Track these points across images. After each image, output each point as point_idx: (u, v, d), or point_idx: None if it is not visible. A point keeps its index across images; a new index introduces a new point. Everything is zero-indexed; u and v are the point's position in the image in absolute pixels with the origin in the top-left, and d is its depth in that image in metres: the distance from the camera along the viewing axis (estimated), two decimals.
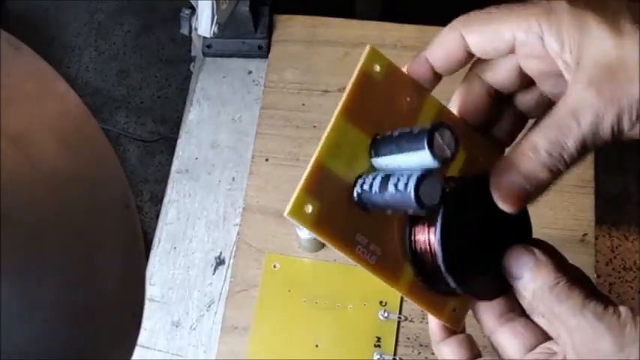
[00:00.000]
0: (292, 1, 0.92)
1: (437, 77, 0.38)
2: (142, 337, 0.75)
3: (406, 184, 0.32)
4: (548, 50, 0.34)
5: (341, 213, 0.36)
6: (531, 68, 0.36)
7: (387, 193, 0.33)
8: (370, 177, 0.35)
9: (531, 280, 0.36)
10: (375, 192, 0.34)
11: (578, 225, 0.76)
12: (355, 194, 0.35)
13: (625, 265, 1.43)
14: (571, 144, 0.33)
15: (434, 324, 0.39)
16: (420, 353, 0.72)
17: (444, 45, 0.37)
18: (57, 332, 0.28)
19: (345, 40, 0.88)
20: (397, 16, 0.90)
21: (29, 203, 0.27)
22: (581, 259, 0.74)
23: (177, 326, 0.76)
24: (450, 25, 0.37)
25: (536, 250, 0.36)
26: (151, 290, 0.77)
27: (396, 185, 0.32)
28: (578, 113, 0.32)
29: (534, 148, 0.33)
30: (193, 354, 0.75)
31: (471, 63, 0.38)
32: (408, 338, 0.73)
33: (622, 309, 0.33)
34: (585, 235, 0.76)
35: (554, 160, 0.33)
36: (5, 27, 0.30)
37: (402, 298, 0.74)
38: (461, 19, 0.37)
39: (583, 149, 0.33)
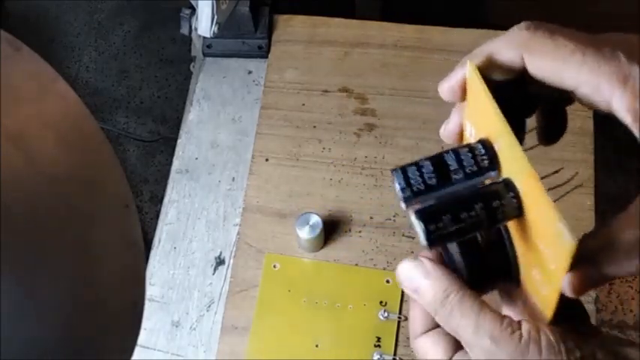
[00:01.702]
0: (292, 1, 0.92)
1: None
2: (142, 337, 0.75)
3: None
4: (616, 114, 0.32)
5: None
6: (582, 97, 0.34)
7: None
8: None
9: (423, 295, 0.35)
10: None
11: (578, 225, 0.76)
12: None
13: None
14: None
15: (417, 313, 0.37)
16: None
17: (501, 57, 0.35)
18: (57, 332, 0.28)
19: (345, 40, 0.88)
20: (397, 16, 0.90)
21: (29, 203, 0.27)
22: None
23: (177, 326, 0.76)
24: (510, 35, 0.35)
25: (424, 260, 0.35)
26: (151, 290, 0.77)
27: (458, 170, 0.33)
28: None
29: (630, 254, 0.31)
30: (193, 354, 0.75)
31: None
32: (408, 338, 0.73)
33: (524, 329, 0.32)
34: None
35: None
36: (5, 27, 0.30)
37: (402, 298, 0.74)
38: (524, 35, 0.34)
39: None
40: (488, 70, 0.36)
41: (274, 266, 0.76)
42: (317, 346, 0.73)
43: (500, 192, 0.33)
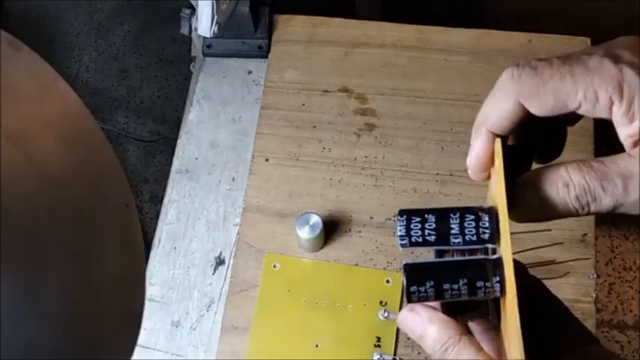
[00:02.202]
0: (292, 1, 0.92)
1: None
2: (142, 337, 0.75)
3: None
4: (614, 122, 0.33)
5: None
6: (586, 113, 0.34)
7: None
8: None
9: (426, 341, 0.36)
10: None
11: (578, 225, 0.76)
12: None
13: (625, 265, 1.43)
14: (607, 202, 0.32)
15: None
16: (419, 353, 0.72)
17: (502, 114, 0.35)
18: (57, 332, 0.28)
19: (345, 40, 0.88)
20: (397, 16, 0.90)
21: (29, 203, 0.27)
22: (581, 259, 0.74)
23: (177, 326, 0.76)
24: (501, 89, 0.35)
25: (419, 309, 0.37)
26: (151, 290, 0.77)
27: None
28: (629, 181, 0.31)
29: (567, 185, 0.33)
30: (193, 354, 0.75)
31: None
32: (408, 338, 0.73)
33: None
34: (585, 235, 0.76)
35: (579, 204, 0.33)
36: (5, 27, 0.30)
37: (402, 298, 0.74)
38: (513, 84, 0.34)
39: (614, 210, 0.32)
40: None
41: (274, 266, 0.76)
42: (317, 346, 0.73)
43: (487, 272, 0.35)
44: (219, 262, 0.79)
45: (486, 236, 0.35)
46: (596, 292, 0.74)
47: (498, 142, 0.36)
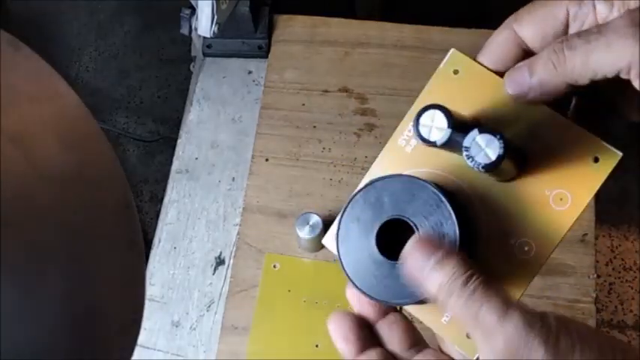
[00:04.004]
0: (292, 1, 0.92)
1: None
2: (142, 337, 0.75)
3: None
4: (598, 17, 0.33)
5: None
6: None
7: None
8: None
9: (439, 269, 0.31)
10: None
11: (578, 225, 0.76)
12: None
13: (625, 265, 1.43)
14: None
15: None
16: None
17: (497, 45, 0.36)
18: (57, 332, 0.28)
19: (345, 40, 0.88)
20: (397, 16, 0.90)
21: (29, 203, 0.27)
22: (581, 259, 0.74)
23: (177, 326, 0.76)
24: (502, 25, 0.36)
25: (440, 242, 0.32)
26: (151, 290, 0.77)
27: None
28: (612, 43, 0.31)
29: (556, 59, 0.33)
30: (193, 354, 0.75)
31: (513, 15, 0.37)
32: None
33: (551, 318, 0.30)
34: (585, 235, 0.76)
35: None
36: (5, 27, 0.30)
37: None
38: (512, 16, 0.36)
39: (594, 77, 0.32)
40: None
41: (274, 266, 0.76)
42: (317, 346, 0.73)
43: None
44: (219, 262, 0.78)
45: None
46: (596, 292, 0.74)
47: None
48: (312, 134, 0.83)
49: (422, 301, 0.34)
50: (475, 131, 0.32)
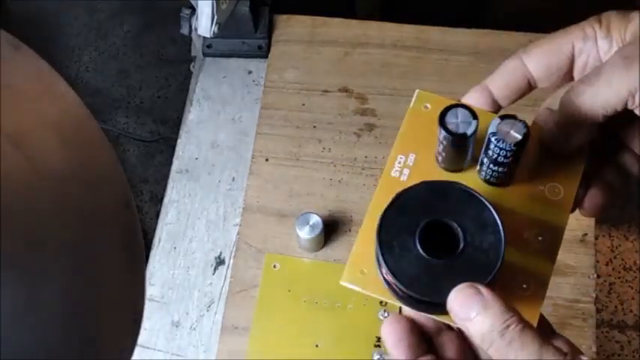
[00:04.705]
0: (292, 1, 0.92)
1: (496, 106, 0.39)
2: (142, 337, 0.75)
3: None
4: (600, 52, 0.36)
5: None
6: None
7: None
8: None
9: (479, 322, 0.33)
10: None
11: (578, 225, 0.76)
12: None
13: (625, 265, 1.43)
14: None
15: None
16: None
17: (504, 73, 0.39)
18: (57, 332, 0.28)
19: (345, 40, 0.88)
20: (397, 16, 0.90)
21: (29, 203, 0.27)
22: (581, 259, 0.74)
23: (177, 326, 0.76)
24: (513, 55, 0.39)
25: (482, 289, 0.34)
26: (151, 290, 0.77)
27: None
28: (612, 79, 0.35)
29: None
30: (193, 354, 0.75)
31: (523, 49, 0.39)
32: None
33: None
34: (585, 235, 0.76)
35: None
36: (5, 27, 0.30)
37: None
38: (522, 48, 0.39)
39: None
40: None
41: (274, 266, 0.76)
42: (317, 346, 0.73)
43: None
44: (219, 262, 0.79)
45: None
46: (596, 292, 0.74)
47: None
48: (312, 134, 0.83)
49: None
50: (496, 119, 0.36)
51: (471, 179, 0.39)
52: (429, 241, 0.36)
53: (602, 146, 0.40)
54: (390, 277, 0.36)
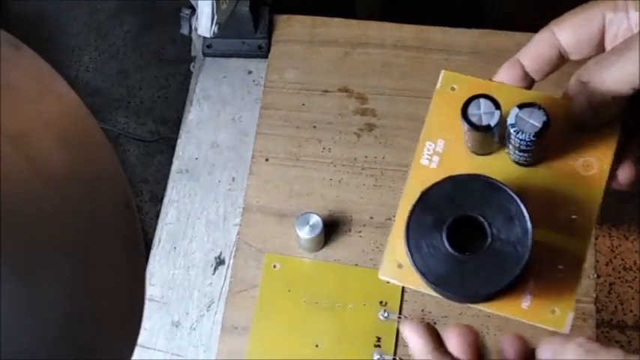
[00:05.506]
0: (292, 1, 0.92)
1: (528, 80, 0.39)
2: (142, 337, 0.75)
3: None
4: (631, 23, 0.36)
5: None
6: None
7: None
8: None
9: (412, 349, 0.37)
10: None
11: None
12: None
13: (625, 265, 1.43)
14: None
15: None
16: None
17: (536, 44, 0.39)
18: (57, 332, 0.28)
19: (345, 40, 0.88)
20: (397, 16, 0.90)
21: (29, 203, 0.27)
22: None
23: (177, 326, 0.76)
24: (544, 27, 0.39)
25: (407, 323, 0.38)
26: (151, 290, 0.77)
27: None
28: None
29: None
30: (193, 354, 0.75)
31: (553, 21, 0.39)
32: None
33: None
34: None
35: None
36: (5, 27, 0.30)
37: (402, 298, 0.74)
38: (554, 19, 0.39)
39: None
40: None
41: (274, 266, 0.76)
42: (317, 346, 0.73)
43: None
44: (219, 262, 0.79)
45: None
46: (596, 292, 0.74)
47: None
48: (312, 134, 0.83)
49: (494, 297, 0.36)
50: (515, 109, 0.35)
51: (502, 161, 0.38)
52: (457, 237, 0.36)
53: (632, 118, 0.39)
54: (420, 276, 0.36)
